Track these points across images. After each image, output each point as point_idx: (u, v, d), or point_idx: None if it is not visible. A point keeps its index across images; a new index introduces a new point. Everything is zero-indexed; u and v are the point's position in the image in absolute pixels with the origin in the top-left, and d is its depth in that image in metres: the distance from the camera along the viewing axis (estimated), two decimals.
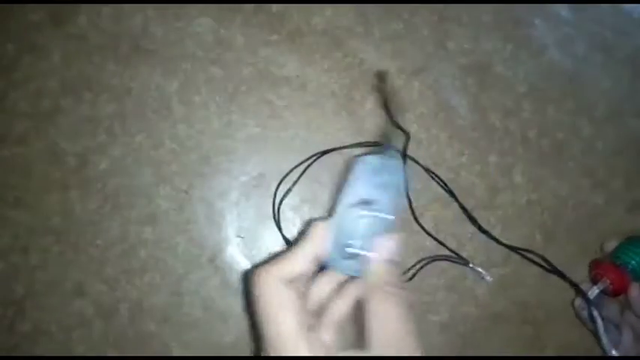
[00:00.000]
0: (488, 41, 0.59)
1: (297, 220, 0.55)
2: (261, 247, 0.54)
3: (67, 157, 0.54)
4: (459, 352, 0.54)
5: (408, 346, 0.28)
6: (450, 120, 0.57)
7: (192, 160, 0.55)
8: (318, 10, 0.57)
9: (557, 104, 0.59)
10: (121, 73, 0.55)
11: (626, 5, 0.61)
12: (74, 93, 0.54)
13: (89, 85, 0.55)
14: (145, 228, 0.53)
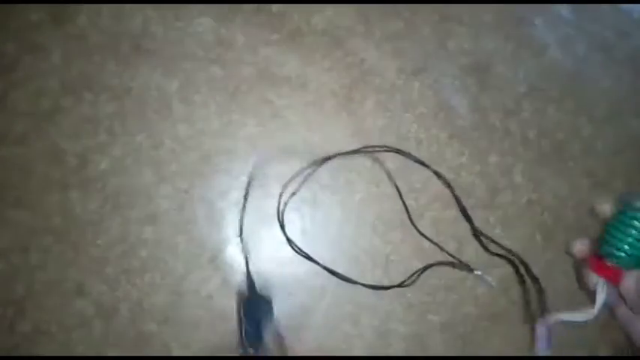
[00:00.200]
0: (488, 41, 0.59)
1: (297, 221, 0.55)
2: (262, 247, 0.54)
3: (67, 157, 0.54)
4: (459, 352, 0.54)
5: None
6: (450, 120, 0.57)
7: (193, 160, 0.55)
8: (318, 10, 0.58)
9: (557, 104, 0.59)
10: (122, 72, 0.55)
11: (626, 5, 0.61)
12: (74, 93, 0.54)
13: (89, 85, 0.54)
14: (146, 228, 0.53)
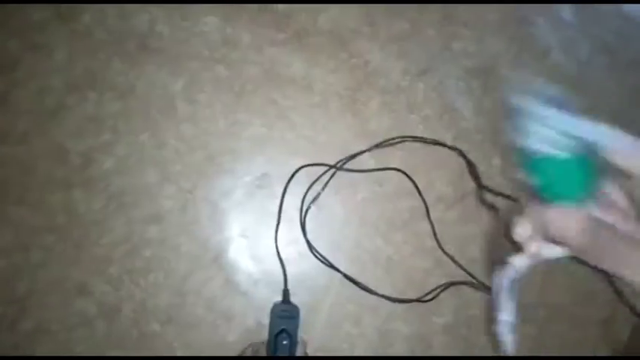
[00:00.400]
0: (492, 43, 0.59)
1: (299, 222, 0.55)
2: (266, 247, 0.54)
3: (70, 156, 0.53)
4: (460, 352, 0.55)
5: None
6: (455, 122, 0.58)
7: (197, 160, 0.54)
8: (324, 10, 0.58)
9: None
10: (126, 71, 0.55)
11: (629, 6, 0.61)
12: (78, 91, 0.54)
13: (94, 84, 0.54)
14: (149, 228, 0.53)
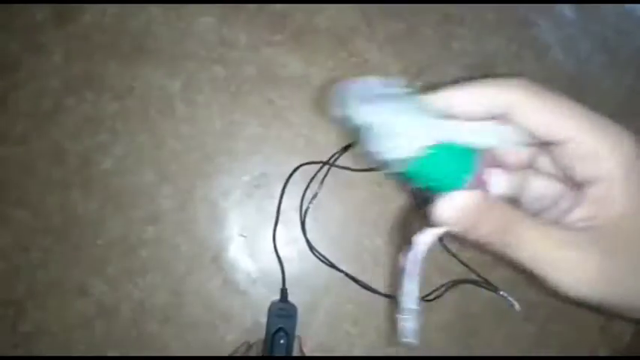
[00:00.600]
0: (491, 42, 0.59)
1: (299, 221, 0.55)
2: (264, 247, 0.54)
3: (69, 157, 0.53)
4: (460, 352, 0.54)
5: None
6: None
7: (195, 160, 0.54)
8: (321, 10, 0.57)
9: None
10: (124, 72, 0.55)
11: (629, 5, 0.61)
12: (76, 92, 0.54)
13: (91, 85, 0.54)
14: (147, 228, 0.53)
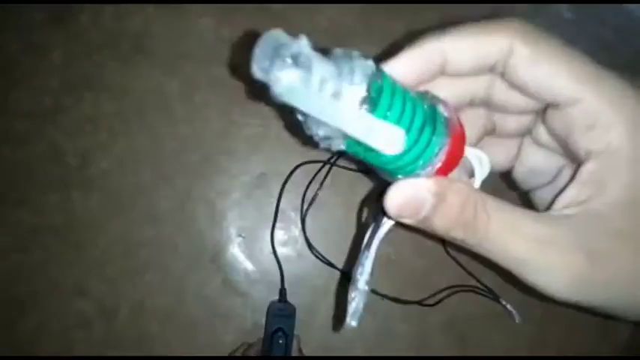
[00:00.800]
0: None
1: (298, 221, 0.55)
2: (263, 247, 0.54)
3: (67, 157, 0.53)
4: (459, 352, 0.54)
5: None
6: None
7: (193, 160, 0.54)
8: (319, 10, 0.57)
9: None
10: (122, 72, 0.55)
11: (629, 5, 0.61)
12: (75, 92, 0.54)
13: (90, 85, 0.54)
14: (146, 228, 0.53)
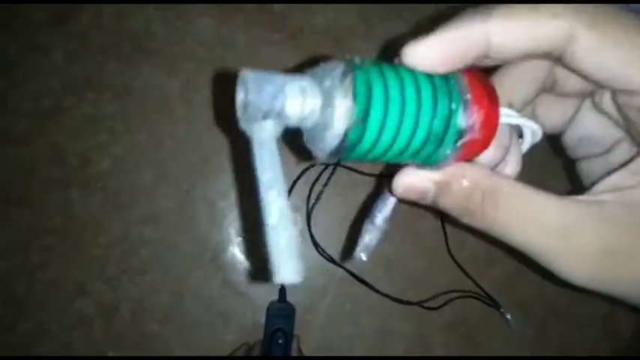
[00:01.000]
0: None
1: (299, 221, 0.55)
2: (263, 247, 0.54)
3: (68, 157, 0.54)
4: (460, 352, 0.54)
5: None
6: None
7: (194, 160, 0.54)
8: (320, 10, 0.57)
9: None
10: (123, 72, 0.55)
11: (629, 6, 0.61)
12: (76, 92, 0.54)
13: (91, 85, 0.54)
14: (146, 227, 0.53)
